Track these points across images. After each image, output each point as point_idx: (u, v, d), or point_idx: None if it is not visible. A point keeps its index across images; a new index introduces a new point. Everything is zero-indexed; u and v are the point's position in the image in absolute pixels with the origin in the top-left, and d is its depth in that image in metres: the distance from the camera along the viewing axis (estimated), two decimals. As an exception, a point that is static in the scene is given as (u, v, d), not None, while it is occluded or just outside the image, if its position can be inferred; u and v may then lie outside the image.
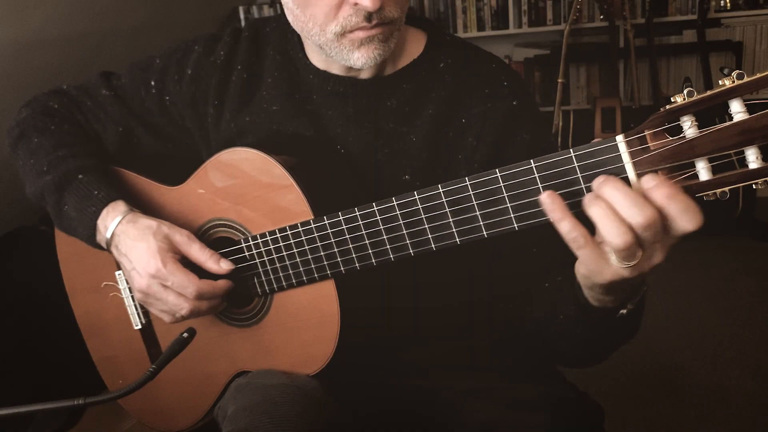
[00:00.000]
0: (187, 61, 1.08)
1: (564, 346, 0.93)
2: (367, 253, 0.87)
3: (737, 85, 0.62)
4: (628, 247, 0.65)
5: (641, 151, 0.67)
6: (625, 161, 0.68)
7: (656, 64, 3.35)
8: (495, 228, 0.77)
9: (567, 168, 0.71)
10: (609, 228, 0.65)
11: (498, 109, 0.98)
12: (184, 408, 1.13)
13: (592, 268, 0.71)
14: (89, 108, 1.13)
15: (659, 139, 0.67)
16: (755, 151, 0.63)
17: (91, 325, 1.22)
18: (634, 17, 3.45)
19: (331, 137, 1.02)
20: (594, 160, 0.70)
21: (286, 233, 0.93)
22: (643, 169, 0.67)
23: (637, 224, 0.64)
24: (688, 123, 0.65)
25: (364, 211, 0.86)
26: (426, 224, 0.82)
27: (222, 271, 0.96)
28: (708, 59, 3.30)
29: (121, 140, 1.13)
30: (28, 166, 1.08)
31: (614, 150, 0.69)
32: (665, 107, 0.66)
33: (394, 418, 1.04)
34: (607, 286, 0.73)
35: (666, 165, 0.66)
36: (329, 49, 0.92)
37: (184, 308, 0.96)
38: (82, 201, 1.02)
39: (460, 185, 0.78)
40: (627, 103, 3.47)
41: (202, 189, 1.02)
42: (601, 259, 0.69)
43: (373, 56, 0.91)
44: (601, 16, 3.39)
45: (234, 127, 1.06)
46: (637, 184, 0.67)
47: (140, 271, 0.96)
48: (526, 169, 0.73)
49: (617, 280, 0.70)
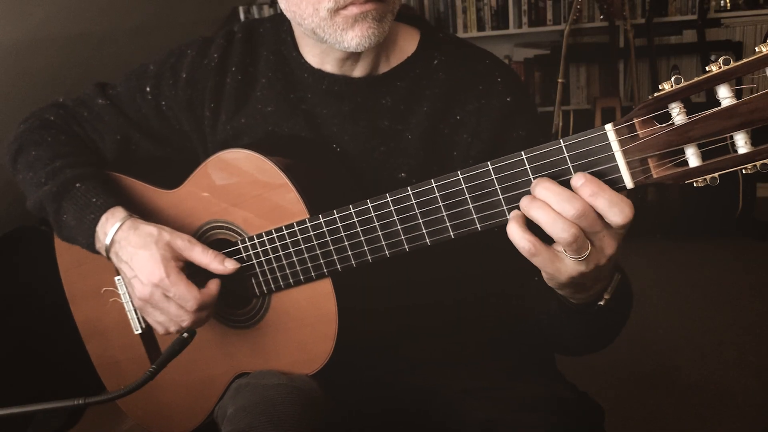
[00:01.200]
0: (181, 66, 1.08)
1: (559, 338, 0.94)
2: (362, 250, 0.87)
3: (724, 71, 0.62)
4: (575, 239, 0.69)
5: (630, 139, 0.68)
6: (615, 150, 0.69)
7: (656, 64, 3.35)
8: (488, 221, 0.77)
9: (557, 158, 0.72)
10: (553, 224, 0.69)
11: (493, 106, 0.98)
12: (185, 411, 1.13)
13: (550, 271, 0.74)
14: (86, 118, 1.14)
15: (648, 126, 0.67)
16: (744, 136, 0.63)
17: (91, 331, 1.22)
18: (634, 17, 3.45)
19: (327, 136, 1.02)
20: (584, 149, 0.70)
21: (282, 233, 0.93)
22: (633, 157, 0.68)
23: (571, 217, 0.68)
24: (677, 110, 0.65)
25: (358, 208, 0.86)
26: (420, 219, 0.82)
27: (227, 270, 0.96)
28: (708, 59, 3.30)
29: (119, 148, 1.13)
30: (28, 179, 1.09)
31: (604, 139, 0.69)
32: (653, 94, 0.66)
33: (393, 418, 1.04)
34: (572, 284, 0.76)
35: (655, 152, 0.67)
36: (323, 31, 0.91)
37: (185, 320, 0.96)
38: (80, 209, 1.02)
39: (452, 179, 0.78)
40: (627, 103, 3.47)
41: (199, 191, 1.02)
42: (555, 261, 0.72)
43: (367, 35, 0.89)
44: (601, 16, 3.39)
45: (230, 129, 1.06)
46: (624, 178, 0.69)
47: (143, 279, 0.95)
48: (517, 161, 0.74)
49: (577, 276, 0.73)
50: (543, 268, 0.74)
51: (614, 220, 0.68)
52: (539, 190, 0.70)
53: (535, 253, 0.72)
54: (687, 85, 0.64)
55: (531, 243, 0.71)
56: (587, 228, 0.69)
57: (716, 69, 0.63)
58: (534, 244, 0.71)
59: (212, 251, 0.96)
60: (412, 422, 1.04)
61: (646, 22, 3.34)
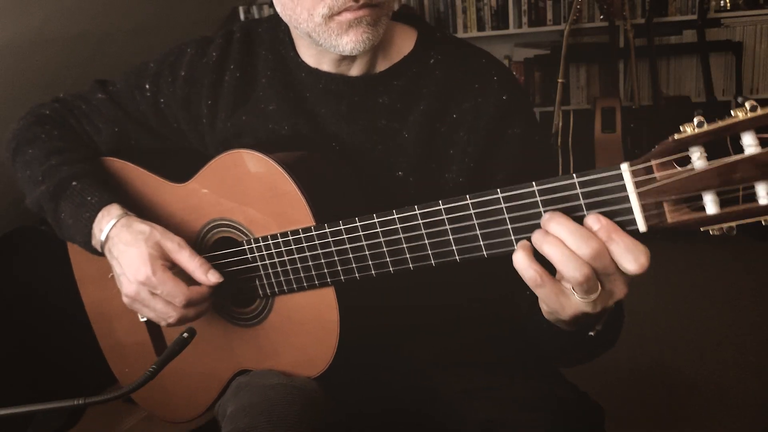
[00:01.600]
0: (180, 64, 1.09)
1: (543, 350, 0.94)
2: (366, 264, 0.87)
3: (750, 118, 0.59)
4: (587, 279, 0.67)
5: (647, 181, 0.65)
6: (630, 191, 0.66)
7: (656, 64, 3.35)
8: (495, 248, 0.76)
9: (569, 194, 0.69)
10: (566, 262, 0.67)
11: (488, 104, 0.98)
12: (188, 401, 1.14)
13: (554, 306, 0.72)
14: (83, 111, 1.14)
15: (666, 168, 0.64)
16: (766, 186, 0.60)
17: (99, 314, 1.23)
18: (634, 17, 3.45)
19: (326, 135, 1.02)
20: (597, 187, 0.67)
21: (287, 238, 0.93)
22: (648, 200, 0.65)
23: (585, 256, 0.66)
24: (697, 153, 0.62)
25: (364, 222, 0.85)
26: (426, 239, 0.80)
27: (209, 282, 0.95)
28: (708, 59, 3.30)
29: (116, 141, 1.13)
30: (25, 178, 1.09)
31: (619, 179, 0.66)
32: (673, 136, 0.63)
33: (393, 418, 1.04)
34: (573, 322, 0.74)
35: (672, 197, 0.64)
36: (318, 35, 0.91)
37: (172, 316, 0.96)
38: (77, 208, 1.02)
39: (461, 203, 0.76)
40: (627, 103, 3.47)
41: (205, 189, 1.02)
42: (560, 296, 0.70)
43: (361, 40, 0.90)
44: (601, 16, 3.39)
45: (231, 126, 1.06)
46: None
47: (129, 276, 0.95)
48: (528, 191, 0.72)
49: (580, 315, 0.71)
50: (546, 301, 0.72)
51: (628, 267, 0.66)
52: (553, 225, 0.68)
53: (541, 285, 0.70)
54: (710, 131, 0.60)
55: (538, 274, 0.69)
56: (600, 270, 0.67)
57: (742, 115, 0.59)
58: (541, 276, 0.69)
59: (199, 258, 0.96)
60: (412, 422, 1.04)
61: (646, 22, 3.34)
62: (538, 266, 0.69)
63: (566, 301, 0.70)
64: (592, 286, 0.68)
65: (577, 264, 0.67)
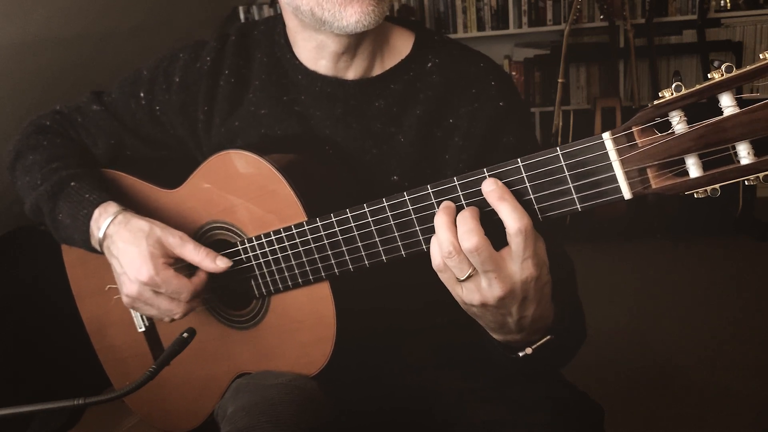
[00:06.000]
0: (173, 70, 1.08)
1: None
2: (359, 255, 0.87)
3: (726, 79, 0.60)
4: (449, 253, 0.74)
5: (629, 148, 0.66)
6: (612, 159, 0.67)
7: (656, 64, 3.35)
8: (487, 227, 0.76)
9: (554, 167, 0.71)
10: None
11: (485, 109, 0.98)
12: (187, 409, 1.14)
13: (453, 292, 0.79)
14: (81, 124, 1.14)
15: (647, 135, 0.65)
16: (746, 146, 0.61)
17: (98, 328, 1.22)
18: (634, 17, 3.45)
19: (320, 138, 1.02)
20: (581, 158, 0.69)
21: (280, 235, 0.93)
22: (631, 167, 0.67)
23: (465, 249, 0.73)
24: (677, 118, 0.63)
25: (355, 212, 0.85)
26: (417, 226, 0.81)
27: (219, 269, 0.95)
28: (708, 59, 3.30)
29: (113, 152, 1.14)
30: (25, 183, 1.09)
31: (601, 147, 0.68)
32: (653, 102, 0.64)
33: (393, 418, 1.04)
34: (474, 313, 0.81)
35: (654, 162, 0.65)
36: (321, 7, 0.89)
37: (177, 312, 0.96)
38: (74, 206, 1.01)
39: (449, 185, 0.77)
40: (627, 103, 3.47)
41: (199, 192, 1.02)
42: (452, 284, 0.78)
43: (366, 12, 0.88)
44: (601, 16, 3.38)
45: (224, 131, 1.06)
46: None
47: (131, 276, 0.95)
48: (513, 168, 0.73)
49: (465, 303, 0.78)
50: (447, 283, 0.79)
51: (510, 225, 0.72)
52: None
53: (442, 270, 0.77)
54: (687, 93, 0.62)
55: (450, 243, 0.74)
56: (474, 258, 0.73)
57: (718, 76, 0.60)
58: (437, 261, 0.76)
59: (204, 248, 0.96)
60: (412, 422, 1.04)
61: (646, 22, 3.34)
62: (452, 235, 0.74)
63: (456, 286, 0.77)
64: (457, 265, 0.74)
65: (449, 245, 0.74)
